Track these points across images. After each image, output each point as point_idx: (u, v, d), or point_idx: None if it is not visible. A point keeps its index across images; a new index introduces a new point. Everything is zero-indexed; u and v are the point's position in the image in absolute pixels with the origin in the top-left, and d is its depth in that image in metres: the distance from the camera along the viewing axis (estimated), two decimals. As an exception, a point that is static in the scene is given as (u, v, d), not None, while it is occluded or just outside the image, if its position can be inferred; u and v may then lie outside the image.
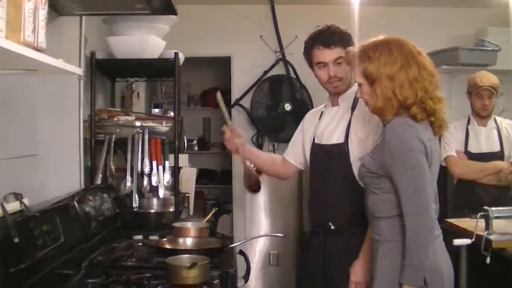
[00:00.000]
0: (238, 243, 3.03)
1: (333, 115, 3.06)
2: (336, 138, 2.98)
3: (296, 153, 3.28)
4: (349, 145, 2.92)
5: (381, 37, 2.53)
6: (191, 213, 4.27)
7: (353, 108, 2.99)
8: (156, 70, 4.12)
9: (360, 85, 2.55)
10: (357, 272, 2.75)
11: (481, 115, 4.53)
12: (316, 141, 3.10)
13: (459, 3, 5.76)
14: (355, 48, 2.60)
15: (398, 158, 2.38)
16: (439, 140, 3.30)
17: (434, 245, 2.40)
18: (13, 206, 2.03)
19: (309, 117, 3.31)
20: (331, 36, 2.99)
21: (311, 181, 3.19)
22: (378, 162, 2.46)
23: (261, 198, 6.05)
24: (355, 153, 2.89)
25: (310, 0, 5.70)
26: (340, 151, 2.94)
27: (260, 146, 5.95)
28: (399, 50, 2.44)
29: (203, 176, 7.14)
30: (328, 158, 3.01)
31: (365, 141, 2.88)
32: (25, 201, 2.10)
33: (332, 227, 2.96)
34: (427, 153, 2.39)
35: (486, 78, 4.47)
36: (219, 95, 3.23)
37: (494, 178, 4.34)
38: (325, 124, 3.08)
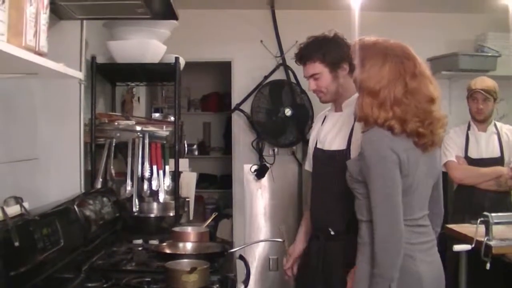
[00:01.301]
0: (238, 248, 3.03)
1: (335, 121, 3.07)
2: (338, 144, 2.99)
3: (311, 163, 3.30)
4: (351, 152, 2.92)
5: (390, 42, 2.51)
6: (191, 217, 4.27)
7: (356, 114, 2.99)
8: (156, 75, 4.12)
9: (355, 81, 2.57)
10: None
11: (476, 119, 4.54)
12: (318, 146, 3.11)
13: (459, 8, 5.76)
14: (365, 41, 2.56)
15: (370, 166, 2.39)
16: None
17: (403, 251, 2.39)
18: (13, 210, 2.03)
19: (314, 124, 3.34)
20: (302, 53, 3.06)
21: (312, 186, 3.20)
22: (358, 168, 2.47)
23: (261, 203, 6.06)
24: None
25: (311, 5, 5.70)
26: (342, 157, 2.94)
27: (260, 151, 5.95)
28: (392, 67, 2.41)
29: (203, 180, 7.14)
30: (329, 164, 3.01)
31: None
32: (25, 204, 2.10)
33: (332, 233, 2.97)
34: (402, 163, 2.38)
35: (480, 81, 4.49)
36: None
37: (494, 183, 4.34)
38: (327, 129, 3.09)
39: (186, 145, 4.21)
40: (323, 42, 3.01)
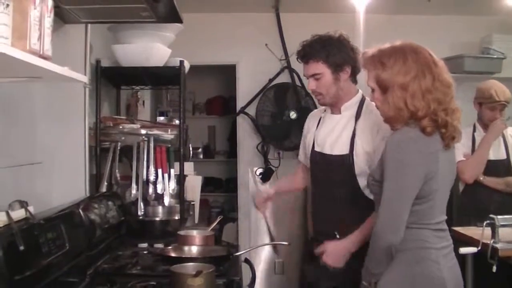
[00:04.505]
0: (243, 251, 3.02)
1: (335, 124, 3.03)
2: (340, 149, 2.95)
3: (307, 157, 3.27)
4: (354, 157, 2.89)
5: (398, 42, 2.48)
6: (196, 221, 4.27)
7: (357, 117, 2.96)
8: (161, 78, 4.13)
9: (372, 90, 2.51)
10: (332, 252, 2.76)
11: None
12: (316, 149, 3.06)
13: (464, 10, 5.75)
14: (372, 50, 2.54)
15: (387, 166, 2.36)
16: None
17: (429, 257, 2.41)
18: (18, 214, 2.02)
19: (308, 122, 3.29)
20: (305, 51, 2.99)
21: (313, 190, 3.17)
22: (380, 170, 2.44)
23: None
24: (361, 165, 2.87)
25: (315, 8, 5.70)
26: (345, 163, 2.91)
27: (265, 154, 5.95)
28: (414, 59, 2.40)
29: (208, 184, 7.14)
30: (332, 169, 2.98)
31: (373, 155, 2.85)
32: (30, 208, 2.10)
33: (338, 236, 2.94)
34: (428, 167, 2.37)
35: (502, 92, 4.40)
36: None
37: (502, 182, 4.33)
38: (326, 132, 3.05)
39: (191, 149, 4.20)
40: (328, 42, 2.95)
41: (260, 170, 5.96)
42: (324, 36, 2.98)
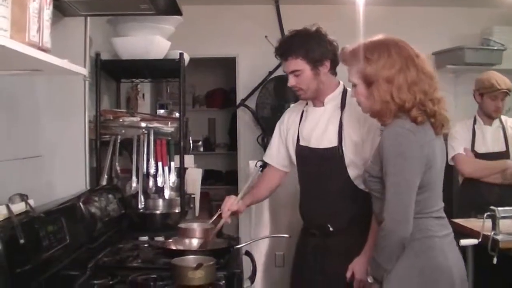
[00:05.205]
0: (244, 244, 3.03)
1: (319, 116, 3.02)
2: (328, 141, 2.94)
3: (280, 157, 3.26)
4: (343, 148, 2.89)
5: (379, 37, 2.48)
6: (197, 214, 4.27)
7: (342, 108, 2.95)
8: (161, 71, 4.13)
9: (354, 85, 2.51)
10: (361, 269, 2.72)
11: (493, 117, 4.50)
12: (302, 143, 3.06)
13: (464, 2, 5.74)
14: (352, 46, 2.54)
15: (388, 161, 2.36)
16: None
17: (435, 246, 2.41)
18: (18, 207, 2.02)
19: (288, 117, 3.26)
20: (283, 48, 2.97)
21: (301, 184, 3.16)
22: (377, 166, 2.44)
23: (267, 199, 6.04)
24: (350, 155, 2.87)
25: (315, 0, 5.69)
26: (335, 154, 2.91)
27: (265, 147, 5.94)
28: (398, 53, 2.40)
29: (208, 177, 7.13)
30: (321, 162, 2.97)
31: (362, 144, 2.85)
32: (31, 202, 2.10)
33: (331, 229, 2.94)
34: (427, 156, 2.37)
35: (502, 80, 4.42)
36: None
37: (499, 177, 4.33)
38: (311, 126, 3.04)
39: (191, 142, 4.20)
40: (306, 38, 2.92)
41: (260, 163, 5.95)
42: (301, 32, 2.96)
